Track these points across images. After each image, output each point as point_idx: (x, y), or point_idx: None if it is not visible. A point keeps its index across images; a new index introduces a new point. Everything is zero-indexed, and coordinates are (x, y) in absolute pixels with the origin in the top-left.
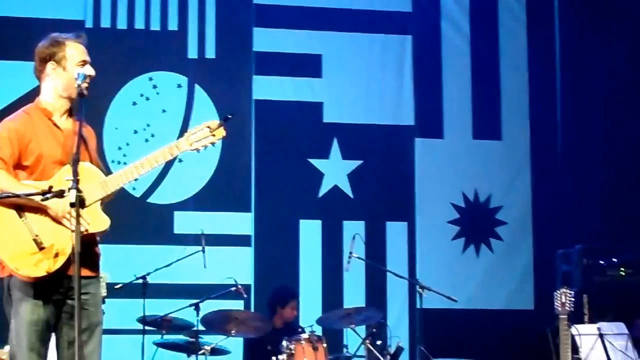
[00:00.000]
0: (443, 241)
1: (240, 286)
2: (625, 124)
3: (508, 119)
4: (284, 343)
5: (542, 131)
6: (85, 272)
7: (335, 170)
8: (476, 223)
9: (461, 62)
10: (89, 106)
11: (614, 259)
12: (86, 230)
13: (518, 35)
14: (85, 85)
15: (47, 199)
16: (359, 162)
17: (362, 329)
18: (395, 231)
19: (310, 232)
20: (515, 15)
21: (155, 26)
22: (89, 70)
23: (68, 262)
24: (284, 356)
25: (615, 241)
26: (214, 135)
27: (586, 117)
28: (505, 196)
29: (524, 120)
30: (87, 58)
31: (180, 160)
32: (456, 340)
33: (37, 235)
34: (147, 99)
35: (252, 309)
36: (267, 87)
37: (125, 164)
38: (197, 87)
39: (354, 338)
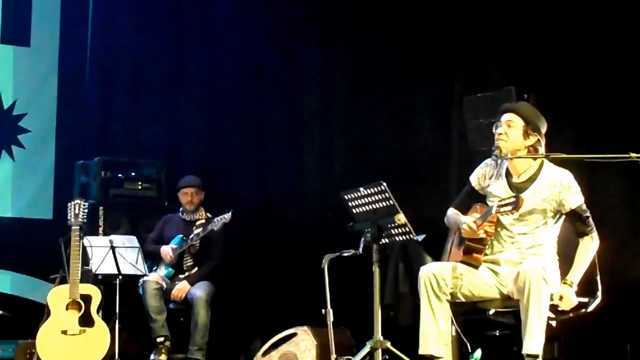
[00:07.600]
0: None
1: None
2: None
3: (38, 26)
4: None
5: (72, 42)
6: None
7: None
8: None
9: None
10: None
11: (132, 173)
12: None
13: None
14: None
15: None
16: None
17: None
18: None
19: None
20: None
21: None
22: None
23: None
24: None
25: (137, 156)
26: None
27: (116, 27)
28: (30, 104)
29: (54, 29)
30: None
31: None
32: None
33: None
34: None
35: None
36: None
37: None
38: None
39: None
